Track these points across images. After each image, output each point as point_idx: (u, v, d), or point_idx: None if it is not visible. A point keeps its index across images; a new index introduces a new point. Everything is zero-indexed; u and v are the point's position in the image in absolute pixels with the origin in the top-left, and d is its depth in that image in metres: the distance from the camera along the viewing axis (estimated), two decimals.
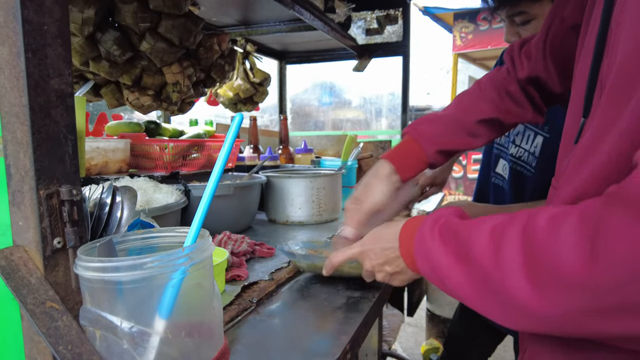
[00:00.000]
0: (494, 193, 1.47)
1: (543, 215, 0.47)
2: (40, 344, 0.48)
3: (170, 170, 1.46)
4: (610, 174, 0.47)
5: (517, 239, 0.47)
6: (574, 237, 0.42)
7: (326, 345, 0.70)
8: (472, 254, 0.52)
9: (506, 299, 0.48)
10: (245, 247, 1.11)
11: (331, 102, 3.04)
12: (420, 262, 0.61)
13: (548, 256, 0.44)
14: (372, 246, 0.75)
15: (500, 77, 0.97)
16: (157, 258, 0.42)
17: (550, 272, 0.43)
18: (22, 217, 0.47)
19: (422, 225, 0.62)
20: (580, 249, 0.41)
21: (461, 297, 0.55)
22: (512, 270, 0.46)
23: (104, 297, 0.44)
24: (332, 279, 0.96)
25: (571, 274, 0.42)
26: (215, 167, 0.48)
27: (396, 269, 0.71)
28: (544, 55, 0.89)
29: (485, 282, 0.50)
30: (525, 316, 0.47)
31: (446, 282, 0.56)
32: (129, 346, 0.42)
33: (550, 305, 0.44)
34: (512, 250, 0.47)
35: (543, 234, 0.45)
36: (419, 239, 0.62)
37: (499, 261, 0.48)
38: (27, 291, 0.44)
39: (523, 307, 0.46)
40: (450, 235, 0.57)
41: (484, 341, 1.68)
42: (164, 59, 1.32)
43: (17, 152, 0.46)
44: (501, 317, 0.50)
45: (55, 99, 0.48)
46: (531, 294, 0.45)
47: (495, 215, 0.54)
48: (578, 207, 0.45)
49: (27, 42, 0.44)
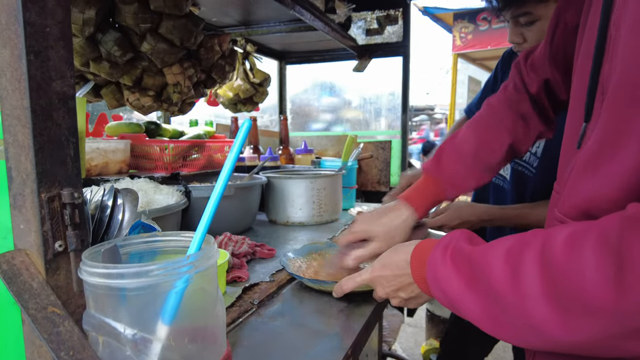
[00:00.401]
0: (494, 193, 1.47)
1: (559, 237, 0.46)
2: (41, 348, 0.48)
3: (170, 171, 1.46)
4: (628, 185, 0.46)
5: (535, 263, 0.46)
6: (595, 262, 0.42)
7: (328, 349, 0.69)
8: (487, 280, 0.51)
9: (525, 324, 0.47)
10: (246, 249, 1.11)
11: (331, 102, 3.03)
12: (433, 288, 0.61)
13: (570, 281, 0.43)
14: (383, 273, 0.75)
15: (511, 98, 0.96)
16: (163, 265, 0.42)
17: (574, 298, 0.43)
18: (24, 221, 0.47)
19: (434, 252, 0.62)
20: (604, 274, 0.41)
21: (475, 322, 0.54)
22: (532, 297, 0.46)
23: (108, 303, 0.43)
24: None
25: (596, 300, 0.41)
26: (222, 173, 0.48)
27: (411, 294, 0.71)
28: (549, 63, 0.89)
29: (499, 308, 0.50)
30: (547, 341, 0.46)
31: (458, 307, 0.56)
32: (132, 353, 0.42)
33: (575, 332, 0.43)
34: (531, 276, 0.46)
35: (562, 257, 0.45)
36: (431, 266, 0.62)
37: (518, 287, 0.47)
38: (28, 296, 0.43)
39: (545, 333, 0.45)
40: (462, 261, 0.57)
41: (481, 340, 1.68)
42: (165, 59, 1.32)
43: (18, 155, 0.46)
44: (517, 341, 0.50)
45: (57, 101, 0.47)
46: (554, 320, 0.44)
47: (507, 238, 0.54)
48: (595, 227, 0.44)
49: (29, 44, 0.44)
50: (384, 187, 2.43)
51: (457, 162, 0.95)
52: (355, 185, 1.94)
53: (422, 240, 0.72)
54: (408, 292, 0.71)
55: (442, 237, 0.64)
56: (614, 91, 0.49)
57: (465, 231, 0.62)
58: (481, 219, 1.27)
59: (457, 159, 0.96)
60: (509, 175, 1.38)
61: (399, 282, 0.72)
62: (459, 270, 0.56)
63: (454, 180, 0.94)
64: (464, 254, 0.57)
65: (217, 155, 1.68)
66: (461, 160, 0.95)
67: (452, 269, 0.57)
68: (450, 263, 0.58)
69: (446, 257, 0.59)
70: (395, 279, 0.72)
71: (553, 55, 0.88)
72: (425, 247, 0.68)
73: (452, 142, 0.98)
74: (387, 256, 0.76)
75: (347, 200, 1.86)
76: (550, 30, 0.87)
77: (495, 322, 0.51)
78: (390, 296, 0.76)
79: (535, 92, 0.93)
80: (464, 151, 0.95)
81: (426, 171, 0.97)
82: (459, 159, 0.95)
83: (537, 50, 0.93)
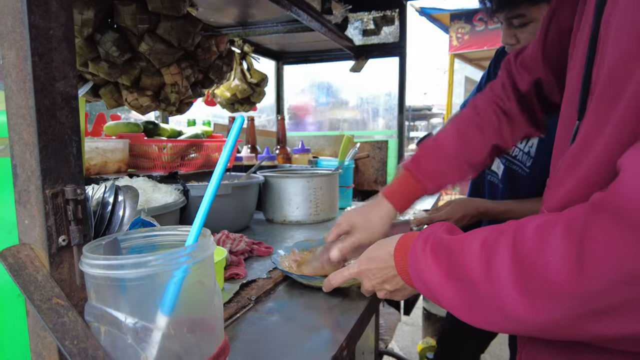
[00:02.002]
0: (488, 190, 1.50)
1: (530, 225, 0.49)
2: (45, 339, 0.50)
3: (168, 170, 1.48)
4: (598, 179, 0.49)
5: (507, 251, 0.49)
6: (561, 246, 0.44)
7: (323, 342, 0.71)
8: (463, 269, 0.54)
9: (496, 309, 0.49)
10: (244, 246, 1.12)
11: (328, 102, 3.05)
12: (414, 278, 0.63)
13: (537, 265, 0.46)
14: (369, 266, 0.77)
15: (495, 96, 0.97)
16: (161, 256, 0.44)
17: (539, 280, 0.45)
18: (28, 216, 0.48)
19: (415, 243, 0.64)
20: (567, 257, 0.43)
21: (452, 311, 0.57)
22: (502, 283, 0.48)
23: (109, 294, 0.45)
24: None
25: (559, 281, 0.43)
26: (217, 167, 0.50)
27: (396, 286, 0.73)
28: (543, 63, 0.89)
29: (474, 296, 0.52)
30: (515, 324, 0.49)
31: (438, 297, 0.58)
32: (132, 341, 0.44)
33: (539, 313, 0.46)
34: (502, 263, 0.49)
35: (531, 243, 0.47)
36: (412, 256, 0.63)
37: (490, 274, 0.50)
38: (34, 288, 0.45)
39: (513, 317, 0.48)
40: (441, 252, 0.59)
41: (477, 337, 1.71)
42: (163, 60, 1.34)
43: (23, 152, 0.48)
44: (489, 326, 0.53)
45: (60, 101, 0.49)
46: (521, 303, 0.46)
47: (484, 228, 0.56)
48: (563, 216, 0.47)
49: (34, 46, 0.46)
50: (380, 186, 2.45)
51: (438, 159, 0.96)
52: (352, 185, 1.96)
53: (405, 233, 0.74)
54: (393, 284, 0.73)
55: (424, 229, 0.65)
56: (601, 88, 0.51)
57: (445, 223, 0.65)
58: (479, 212, 1.35)
59: (437, 156, 0.97)
60: (501, 173, 1.41)
61: (383, 274, 0.74)
62: (439, 261, 0.58)
63: (434, 177, 0.96)
64: (443, 245, 0.59)
65: (214, 155, 1.70)
66: (444, 158, 0.96)
67: (432, 259, 0.59)
68: (430, 254, 0.60)
69: (426, 248, 0.61)
70: (380, 271, 0.74)
71: (546, 55, 0.88)
72: (408, 239, 0.70)
73: (434, 140, 0.99)
74: (372, 250, 0.78)
75: (343, 200, 1.88)
76: (543, 29, 0.88)
77: (469, 309, 0.54)
78: (376, 289, 0.78)
79: (525, 90, 0.93)
80: (445, 149, 0.96)
81: (406, 169, 0.98)
82: (439, 156, 0.96)
83: (529, 49, 0.93)
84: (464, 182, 1.00)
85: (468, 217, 1.35)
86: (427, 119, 12.64)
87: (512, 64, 0.97)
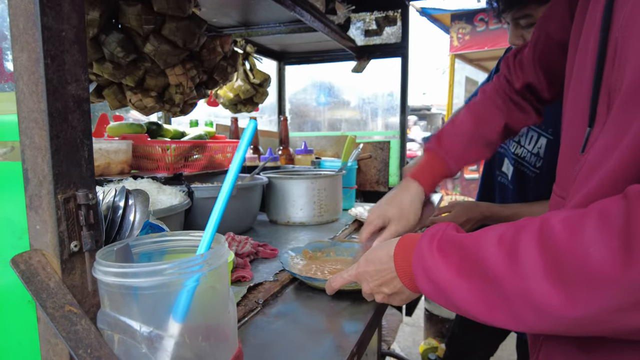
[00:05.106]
0: (499, 191, 1.49)
1: (555, 219, 0.48)
2: (57, 346, 0.49)
3: (172, 172, 1.47)
4: (621, 180, 0.48)
5: (533, 245, 0.48)
6: (600, 237, 0.43)
7: (333, 348, 0.71)
8: (480, 265, 0.52)
9: (525, 305, 0.48)
10: (249, 248, 1.12)
11: (328, 102, 3.04)
12: (420, 279, 0.61)
13: (573, 258, 0.44)
14: (367, 268, 0.76)
15: (502, 86, 1.03)
16: (176, 264, 0.43)
17: (579, 273, 0.44)
18: (40, 221, 0.48)
19: (420, 243, 0.62)
20: (609, 248, 0.42)
21: (466, 309, 0.55)
22: (533, 277, 0.47)
23: (122, 302, 0.44)
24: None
25: (602, 273, 0.42)
26: (229, 173, 0.49)
27: (394, 289, 0.72)
28: (534, 66, 0.95)
29: (495, 292, 0.50)
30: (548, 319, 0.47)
31: (450, 297, 0.56)
32: (147, 350, 0.43)
33: (579, 306, 0.44)
34: (529, 257, 0.47)
35: (563, 236, 0.46)
36: (417, 257, 0.62)
37: (516, 269, 0.48)
38: (46, 295, 0.44)
39: (547, 311, 0.46)
40: (451, 249, 0.57)
41: (487, 340, 1.69)
42: (168, 60, 1.32)
43: (35, 156, 0.47)
44: (513, 324, 0.51)
45: (72, 104, 0.48)
46: (557, 296, 0.45)
47: (497, 226, 0.55)
48: (592, 209, 0.46)
49: (47, 48, 0.45)
50: (382, 187, 2.45)
51: (457, 139, 1.01)
52: (354, 186, 1.95)
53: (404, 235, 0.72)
54: (391, 287, 0.72)
55: (427, 229, 0.64)
56: (624, 97, 0.50)
57: (450, 223, 0.63)
58: (484, 216, 1.34)
59: (456, 135, 1.01)
60: (511, 174, 1.40)
61: (381, 276, 0.72)
62: (448, 258, 0.57)
63: (456, 154, 1.00)
64: (453, 242, 0.58)
65: (218, 156, 1.69)
66: (461, 137, 1.01)
67: (440, 257, 0.57)
68: (438, 252, 0.58)
69: (433, 246, 0.59)
70: (378, 273, 0.73)
71: (537, 61, 0.94)
72: (410, 240, 0.68)
73: (452, 123, 1.04)
74: (371, 252, 0.76)
75: (347, 201, 1.87)
76: (534, 35, 0.94)
77: (489, 307, 0.52)
78: (374, 292, 0.76)
79: (519, 88, 0.99)
80: (463, 129, 1.01)
81: (428, 150, 1.02)
82: (458, 136, 1.01)
83: (526, 49, 0.98)
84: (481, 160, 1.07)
85: (472, 222, 1.34)
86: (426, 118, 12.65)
87: (510, 62, 1.02)
